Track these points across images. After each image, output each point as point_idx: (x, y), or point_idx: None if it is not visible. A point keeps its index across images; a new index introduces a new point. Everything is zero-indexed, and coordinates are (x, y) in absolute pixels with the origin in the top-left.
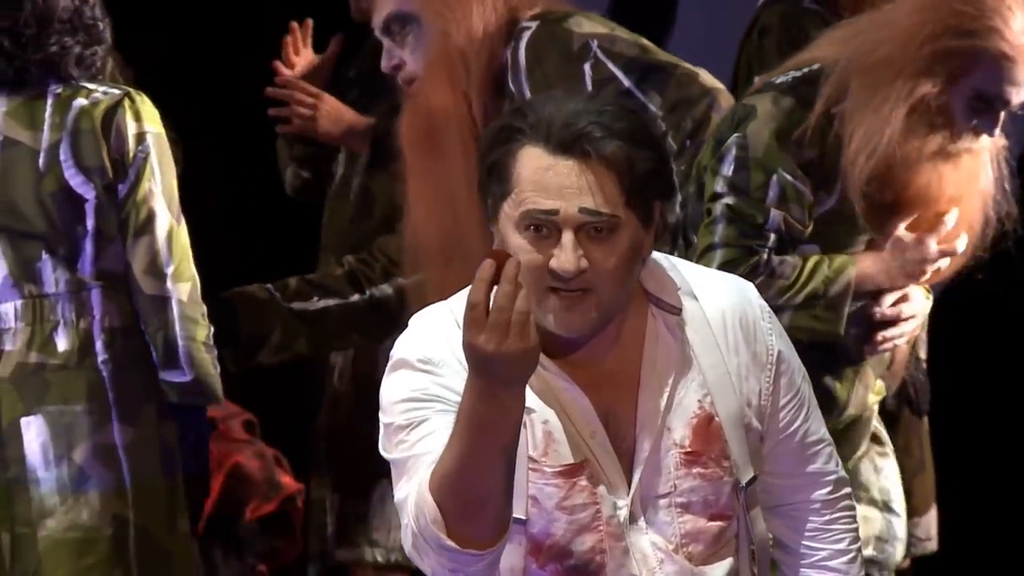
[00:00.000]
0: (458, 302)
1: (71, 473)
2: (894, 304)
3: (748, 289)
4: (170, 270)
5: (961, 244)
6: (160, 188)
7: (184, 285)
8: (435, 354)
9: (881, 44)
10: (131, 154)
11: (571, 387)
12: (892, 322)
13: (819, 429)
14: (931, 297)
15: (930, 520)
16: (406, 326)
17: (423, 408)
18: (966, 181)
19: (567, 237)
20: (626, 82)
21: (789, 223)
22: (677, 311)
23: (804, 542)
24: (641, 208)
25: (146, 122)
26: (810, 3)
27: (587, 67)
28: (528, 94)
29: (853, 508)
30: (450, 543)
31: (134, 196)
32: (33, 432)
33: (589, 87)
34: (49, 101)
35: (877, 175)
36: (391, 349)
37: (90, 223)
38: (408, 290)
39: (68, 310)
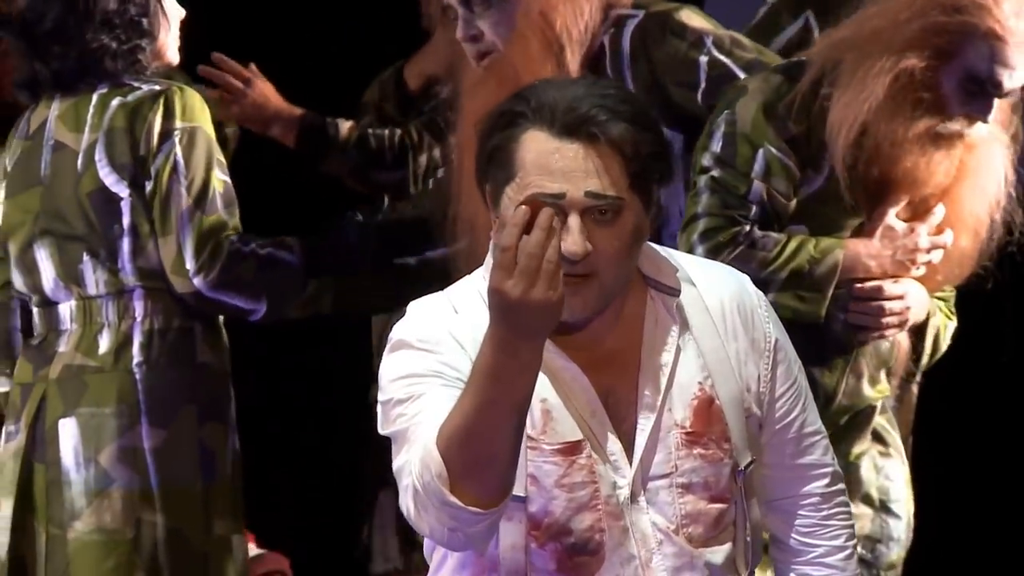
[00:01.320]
0: (455, 290)
1: (96, 475)
2: (881, 290)
3: (744, 279)
4: (193, 266)
5: (949, 237)
6: (184, 186)
7: (212, 272)
8: (434, 335)
9: (871, 19)
10: (154, 152)
11: (570, 366)
12: (882, 310)
13: (815, 421)
14: (954, 319)
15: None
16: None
17: (422, 383)
18: (964, 172)
19: (573, 220)
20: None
21: (772, 196)
22: (676, 292)
23: (801, 539)
24: (644, 191)
25: (178, 119)
26: None
27: (703, 61)
28: (630, 83)
29: (848, 504)
30: (453, 499)
31: (158, 195)
32: (67, 434)
33: (703, 83)
34: (93, 101)
35: (864, 150)
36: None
37: (126, 222)
38: (452, 258)
39: (111, 312)
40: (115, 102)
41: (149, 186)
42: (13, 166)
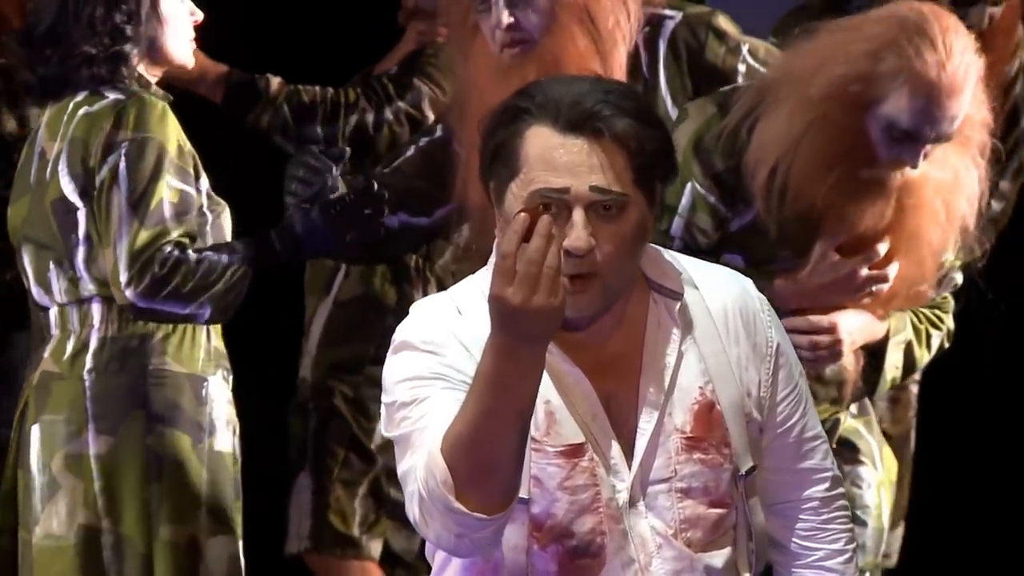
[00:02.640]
0: (459, 291)
1: (48, 482)
2: (808, 323)
3: (747, 282)
4: (124, 277)
5: (892, 270)
6: (125, 197)
7: (143, 282)
8: (437, 336)
9: (801, 58)
10: (99, 163)
11: (573, 370)
12: (811, 343)
13: (816, 425)
14: (944, 326)
15: (895, 537)
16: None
17: (426, 386)
18: (913, 206)
19: (578, 215)
20: None
21: (693, 232)
22: (678, 296)
23: (800, 542)
24: (648, 188)
25: (127, 130)
26: None
27: (741, 68)
28: (663, 83)
29: (847, 507)
30: (458, 506)
31: (101, 205)
32: (34, 440)
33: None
34: (68, 109)
35: (783, 188)
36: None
37: (81, 232)
38: (436, 227)
39: (76, 320)
40: (81, 111)
41: (96, 195)
42: (18, 172)
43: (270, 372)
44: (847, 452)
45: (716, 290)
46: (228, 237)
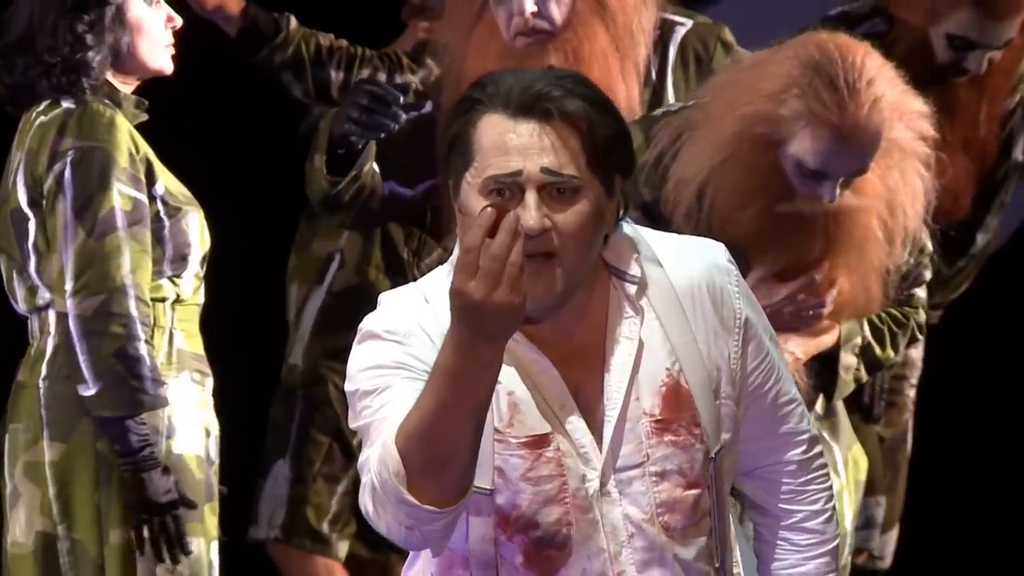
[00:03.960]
0: (427, 281)
1: (12, 490)
2: None
3: (718, 253)
4: (71, 286)
5: (830, 297)
6: (70, 205)
7: (91, 299)
8: (402, 326)
9: (714, 94)
10: (45, 172)
11: (541, 359)
12: None
13: (790, 389)
14: (906, 326)
15: (888, 539)
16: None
17: (388, 375)
18: (842, 239)
19: (530, 196)
20: None
21: None
22: (635, 280)
23: (781, 505)
24: (603, 174)
25: (75, 138)
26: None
27: None
28: (670, 88)
29: (826, 466)
30: (410, 497)
31: (45, 214)
32: (6, 449)
33: None
34: (31, 120)
35: (711, 225)
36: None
37: (31, 241)
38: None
39: (36, 328)
40: (38, 121)
41: (43, 204)
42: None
43: (247, 361)
44: None
45: (681, 266)
46: (191, 241)
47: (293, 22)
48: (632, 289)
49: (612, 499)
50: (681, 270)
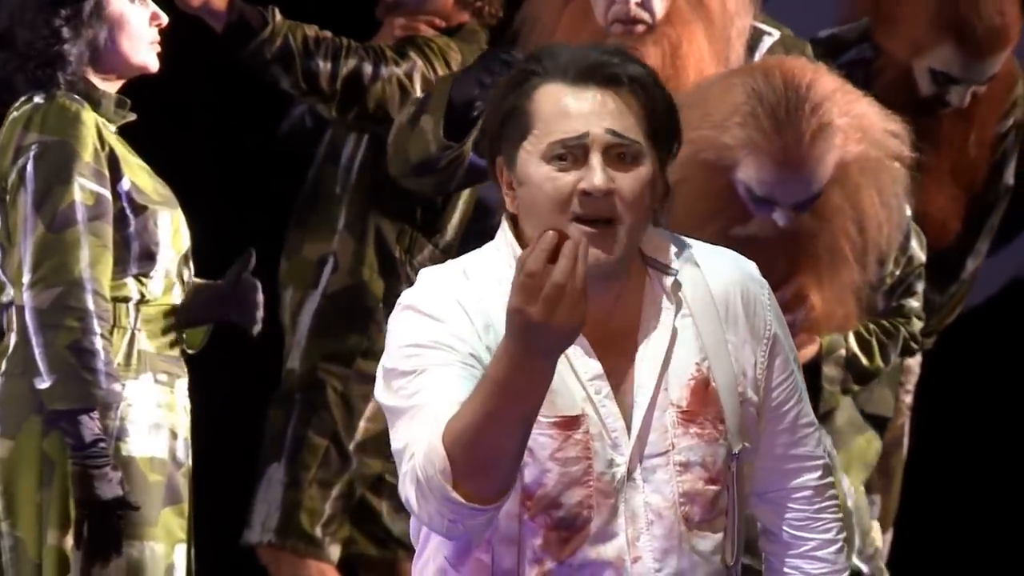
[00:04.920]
0: (469, 259)
1: None
2: None
3: (751, 267)
4: (28, 279)
5: (800, 315)
6: (31, 198)
7: (48, 292)
8: (443, 303)
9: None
10: (10, 166)
11: (580, 339)
12: None
13: (809, 413)
14: (896, 335)
15: (883, 542)
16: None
17: (427, 355)
18: (811, 258)
19: (595, 158)
20: None
21: None
22: (672, 272)
23: (793, 532)
24: (659, 146)
25: (39, 132)
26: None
27: None
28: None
29: (838, 497)
30: (455, 495)
31: (8, 208)
32: None
33: None
34: (8, 114)
35: None
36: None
37: None
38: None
39: (4, 323)
40: (12, 115)
41: (7, 199)
42: None
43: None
44: None
45: (718, 271)
46: (160, 240)
47: (279, 15)
48: (669, 281)
49: (636, 486)
50: (718, 274)
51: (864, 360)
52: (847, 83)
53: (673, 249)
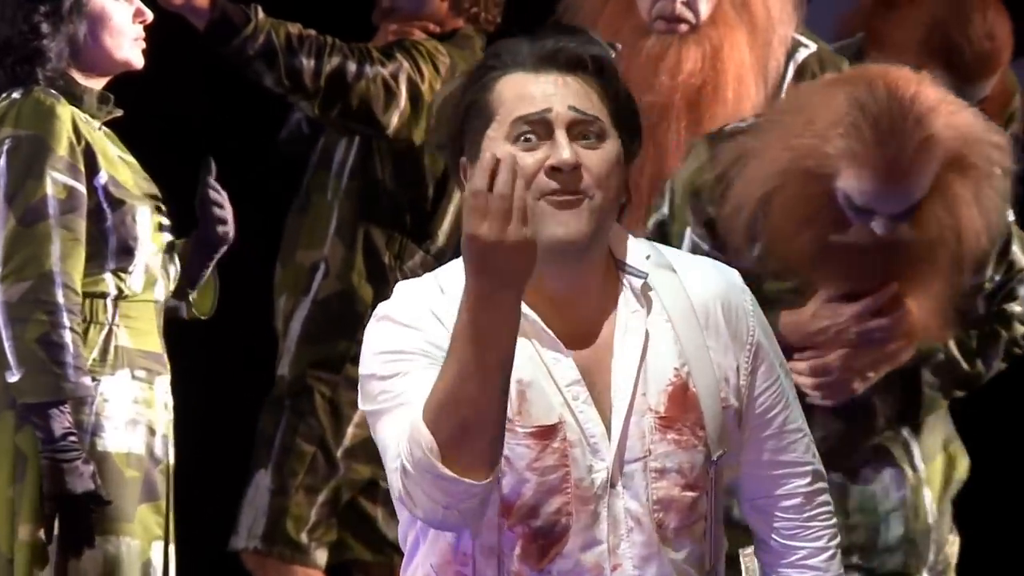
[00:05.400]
0: (444, 272)
1: None
2: (801, 364)
3: (733, 275)
4: None
5: (898, 320)
6: (3, 192)
7: (18, 285)
8: (418, 313)
9: (775, 118)
10: None
11: (553, 338)
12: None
13: (797, 419)
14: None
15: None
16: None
17: (406, 360)
18: (908, 267)
19: (560, 134)
20: None
21: None
22: (641, 275)
23: (783, 541)
24: (622, 132)
25: (13, 127)
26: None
27: None
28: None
29: (830, 503)
30: (445, 471)
31: None
32: None
33: None
34: None
35: (766, 242)
36: None
37: None
38: None
39: None
40: None
41: None
42: None
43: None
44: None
45: (697, 278)
46: (139, 235)
47: (261, 12)
48: (638, 283)
49: (616, 491)
50: (696, 280)
51: (964, 365)
52: (950, 94)
53: (644, 253)
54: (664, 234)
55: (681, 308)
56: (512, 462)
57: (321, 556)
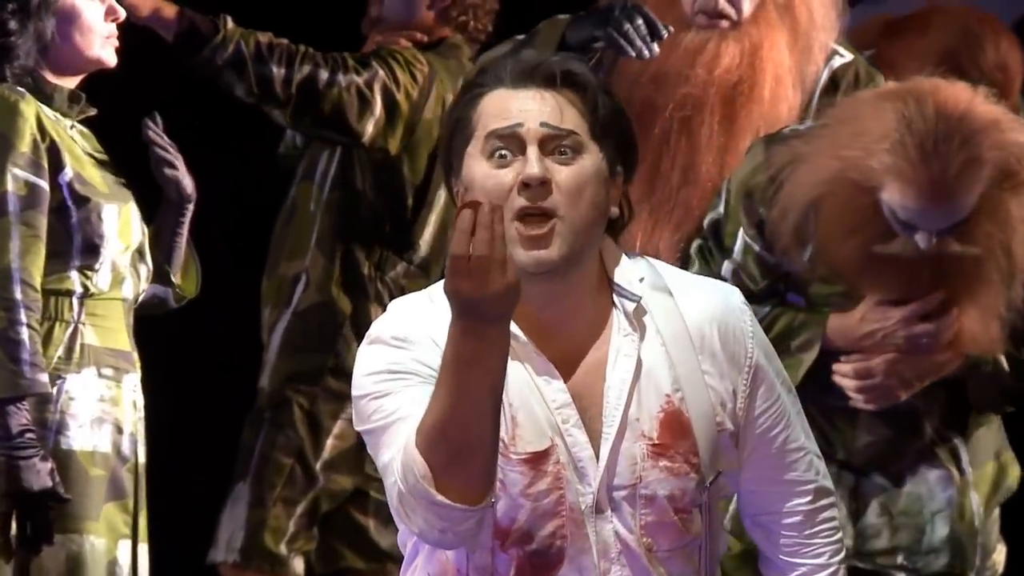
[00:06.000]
0: (435, 286)
1: None
2: (843, 367)
3: (731, 294)
4: None
5: (946, 325)
6: None
7: None
8: (409, 332)
9: (827, 123)
10: None
11: (544, 361)
12: (856, 387)
13: (799, 437)
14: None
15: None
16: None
17: (397, 379)
18: (957, 279)
19: (531, 150)
20: None
21: (741, 277)
22: (634, 298)
23: (784, 557)
24: (604, 147)
25: None
26: None
27: None
28: (813, 108)
29: (834, 519)
30: (440, 498)
31: None
32: None
33: None
34: None
35: (816, 249)
36: None
37: None
38: None
39: None
40: None
41: None
42: None
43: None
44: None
45: (694, 300)
46: (105, 233)
47: (230, 22)
48: (631, 307)
49: (605, 516)
50: (693, 303)
51: (1012, 379)
52: (1008, 112)
53: (639, 275)
54: (718, 233)
55: (675, 331)
56: (506, 487)
57: (298, 564)
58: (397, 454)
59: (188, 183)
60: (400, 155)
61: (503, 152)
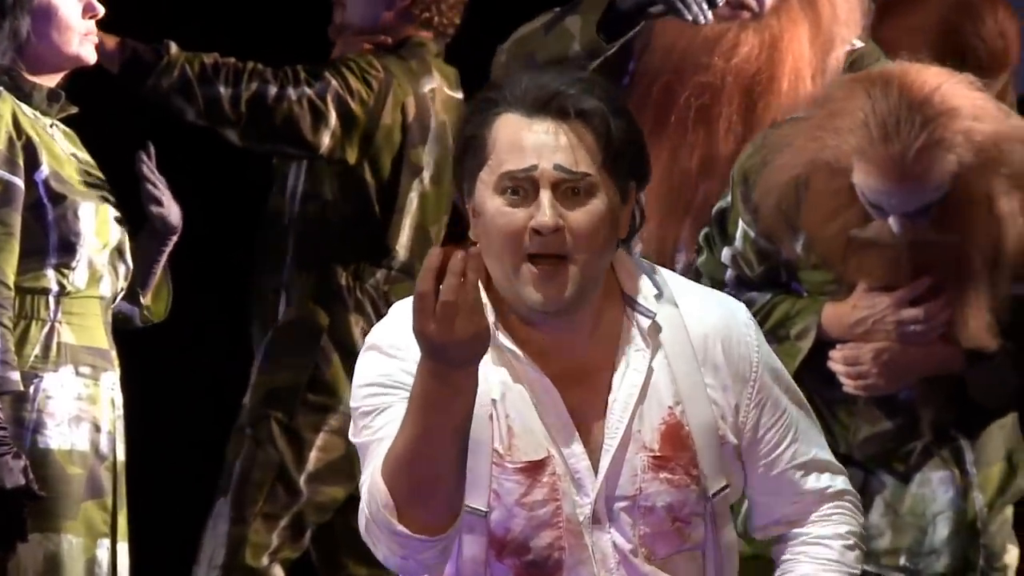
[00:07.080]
0: None
1: None
2: (837, 354)
3: (738, 309)
4: None
5: (935, 312)
6: None
7: None
8: (405, 340)
9: (810, 109)
10: None
11: (541, 379)
12: (848, 373)
13: (808, 450)
14: None
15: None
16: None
17: (387, 394)
18: (924, 272)
19: (544, 195)
20: None
21: (739, 263)
22: (650, 314)
23: (799, 530)
24: (618, 176)
25: None
26: None
27: None
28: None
29: (852, 511)
30: (401, 528)
31: None
32: None
33: None
34: None
35: (807, 236)
36: None
37: None
38: None
39: None
40: None
41: None
42: None
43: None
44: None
45: (699, 313)
46: (81, 231)
47: (173, 47)
48: (646, 323)
49: (603, 527)
50: (698, 316)
51: (1015, 377)
52: (984, 95)
53: (653, 289)
54: (723, 221)
55: (679, 345)
56: (501, 497)
57: (278, 572)
58: (367, 478)
59: (175, 217)
60: (360, 163)
61: (516, 191)
